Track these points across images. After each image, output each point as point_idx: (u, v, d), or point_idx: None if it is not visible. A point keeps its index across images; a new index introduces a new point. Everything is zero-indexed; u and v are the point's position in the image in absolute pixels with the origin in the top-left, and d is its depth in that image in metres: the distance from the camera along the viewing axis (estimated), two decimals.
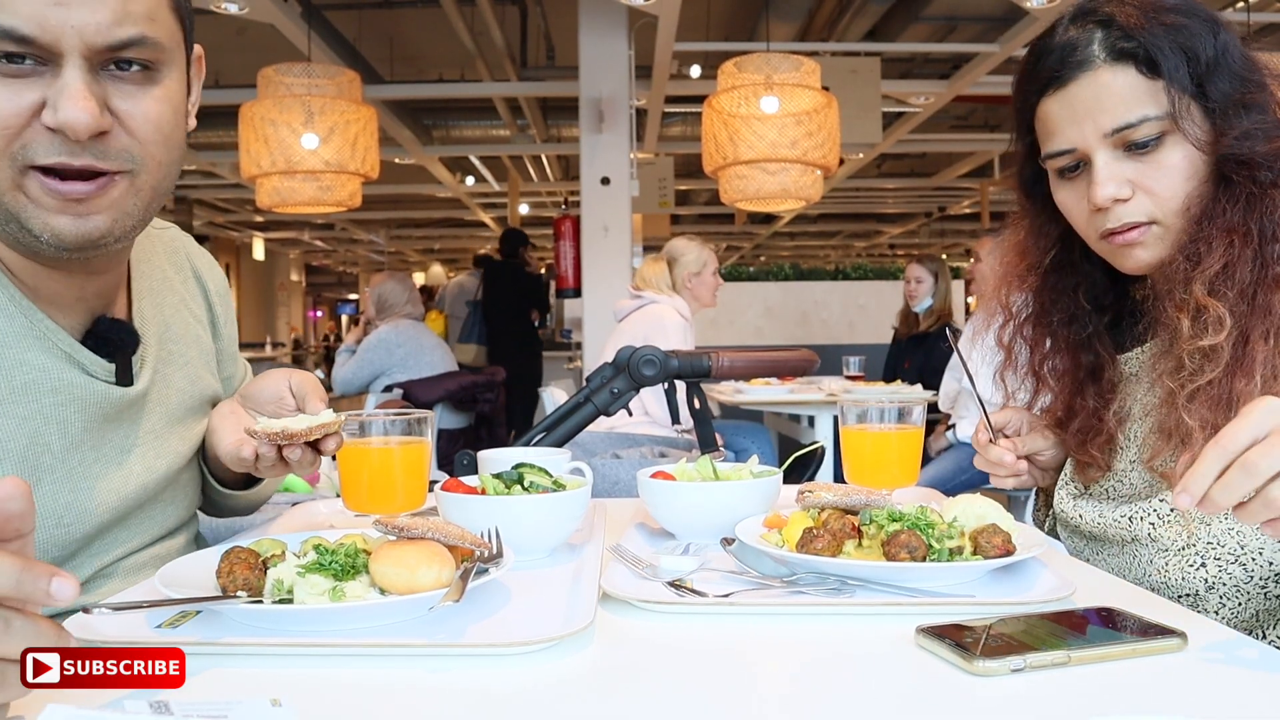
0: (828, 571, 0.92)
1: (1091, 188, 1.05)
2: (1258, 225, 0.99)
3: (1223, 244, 1.00)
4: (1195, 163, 1.02)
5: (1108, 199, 1.04)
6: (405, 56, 8.44)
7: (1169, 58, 1.00)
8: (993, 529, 0.95)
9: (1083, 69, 1.03)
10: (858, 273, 10.23)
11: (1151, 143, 1.02)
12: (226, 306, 1.26)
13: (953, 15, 7.17)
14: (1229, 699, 0.70)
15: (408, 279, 4.87)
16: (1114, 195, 1.04)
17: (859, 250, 20.39)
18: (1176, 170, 1.02)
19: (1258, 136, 1.00)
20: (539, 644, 0.76)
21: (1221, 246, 1.00)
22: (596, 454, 3.16)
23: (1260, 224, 0.99)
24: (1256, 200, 1.00)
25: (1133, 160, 1.03)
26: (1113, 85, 1.01)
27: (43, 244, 0.88)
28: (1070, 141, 1.06)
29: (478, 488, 1.12)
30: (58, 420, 0.93)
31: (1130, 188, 1.04)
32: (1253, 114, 1.01)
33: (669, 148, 9.42)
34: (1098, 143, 1.04)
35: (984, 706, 0.67)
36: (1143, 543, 1.08)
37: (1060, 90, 1.05)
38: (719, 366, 1.69)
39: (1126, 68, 1.01)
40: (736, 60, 4.96)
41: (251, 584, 0.84)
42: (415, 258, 22.33)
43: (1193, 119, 1.01)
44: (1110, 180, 1.03)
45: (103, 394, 0.97)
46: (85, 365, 0.96)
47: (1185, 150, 1.02)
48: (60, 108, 0.82)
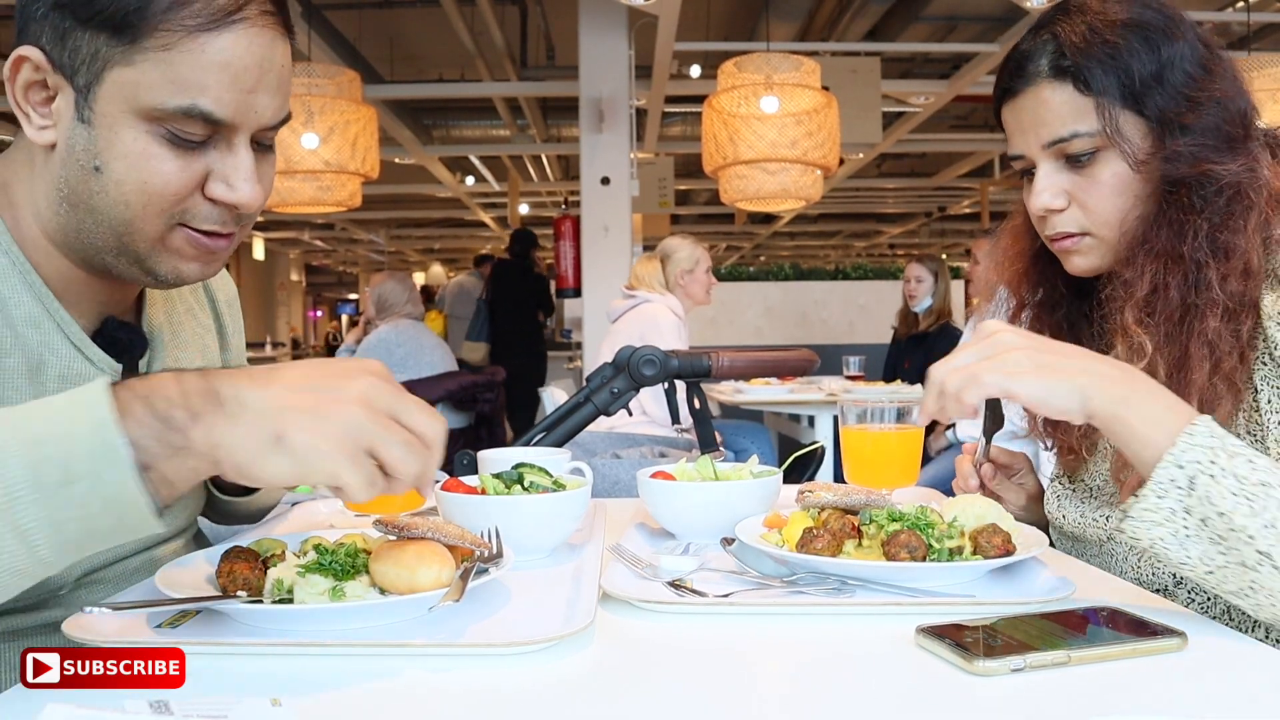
0: (828, 571, 0.92)
1: (1031, 197, 1.09)
2: (1189, 250, 0.99)
3: (1151, 269, 1.02)
4: (1129, 180, 1.04)
5: (1041, 208, 1.08)
6: (405, 56, 8.44)
7: (1099, 78, 1.02)
8: (993, 529, 0.95)
9: (1028, 82, 1.07)
10: (858, 273, 10.23)
11: (1087, 157, 1.05)
12: (235, 317, 1.26)
13: (953, 15, 7.17)
14: (1229, 699, 0.70)
15: (408, 279, 4.87)
16: (1048, 205, 1.08)
17: (859, 250, 20.39)
18: (1108, 186, 1.05)
19: (1184, 158, 1.01)
20: (539, 644, 0.76)
21: (1150, 272, 1.02)
22: (596, 454, 3.16)
23: (1191, 249, 0.99)
24: (1187, 225, 1.00)
25: (1071, 172, 1.07)
26: (1051, 100, 1.05)
27: (152, 279, 0.94)
28: (1018, 149, 1.11)
29: (478, 488, 1.12)
30: None
31: (1066, 198, 1.07)
32: (1189, 134, 1.01)
33: (669, 148, 9.43)
34: (1038, 153, 1.08)
35: (984, 706, 0.67)
36: (1117, 541, 1.09)
37: (1012, 100, 1.09)
38: (719, 366, 1.69)
39: (1065, 84, 1.04)
40: (736, 60, 4.96)
41: (251, 584, 0.84)
42: (415, 258, 22.34)
43: (1129, 137, 1.03)
44: (1046, 190, 1.08)
45: None
46: (94, 360, 0.97)
47: (1119, 167, 1.04)
48: (236, 186, 0.90)
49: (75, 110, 0.87)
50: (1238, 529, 0.78)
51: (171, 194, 0.88)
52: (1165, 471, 0.81)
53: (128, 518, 0.70)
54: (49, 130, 0.88)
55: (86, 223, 0.90)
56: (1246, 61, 4.71)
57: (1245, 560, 0.78)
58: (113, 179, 0.87)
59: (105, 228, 0.90)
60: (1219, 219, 0.99)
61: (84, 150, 0.87)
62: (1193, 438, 0.81)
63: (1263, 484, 0.79)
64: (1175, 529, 0.81)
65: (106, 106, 0.86)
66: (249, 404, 0.72)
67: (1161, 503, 0.81)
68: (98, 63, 0.85)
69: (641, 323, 3.69)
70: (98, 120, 0.86)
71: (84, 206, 0.89)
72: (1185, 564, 0.82)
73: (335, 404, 0.73)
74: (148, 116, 0.86)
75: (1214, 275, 0.98)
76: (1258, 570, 0.78)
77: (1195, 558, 0.81)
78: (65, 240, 0.93)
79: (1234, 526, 0.78)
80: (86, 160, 0.87)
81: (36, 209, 0.93)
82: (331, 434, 0.72)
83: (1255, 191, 0.99)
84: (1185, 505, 0.80)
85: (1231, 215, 0.99)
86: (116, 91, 0.85)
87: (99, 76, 0.85)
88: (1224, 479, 0.79)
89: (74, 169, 0.88)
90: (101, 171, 0.87)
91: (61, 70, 0.86)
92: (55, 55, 0.86)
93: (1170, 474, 0.81)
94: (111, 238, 0.90)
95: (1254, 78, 4.58)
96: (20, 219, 0.94)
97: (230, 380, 0.73)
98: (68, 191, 0.90)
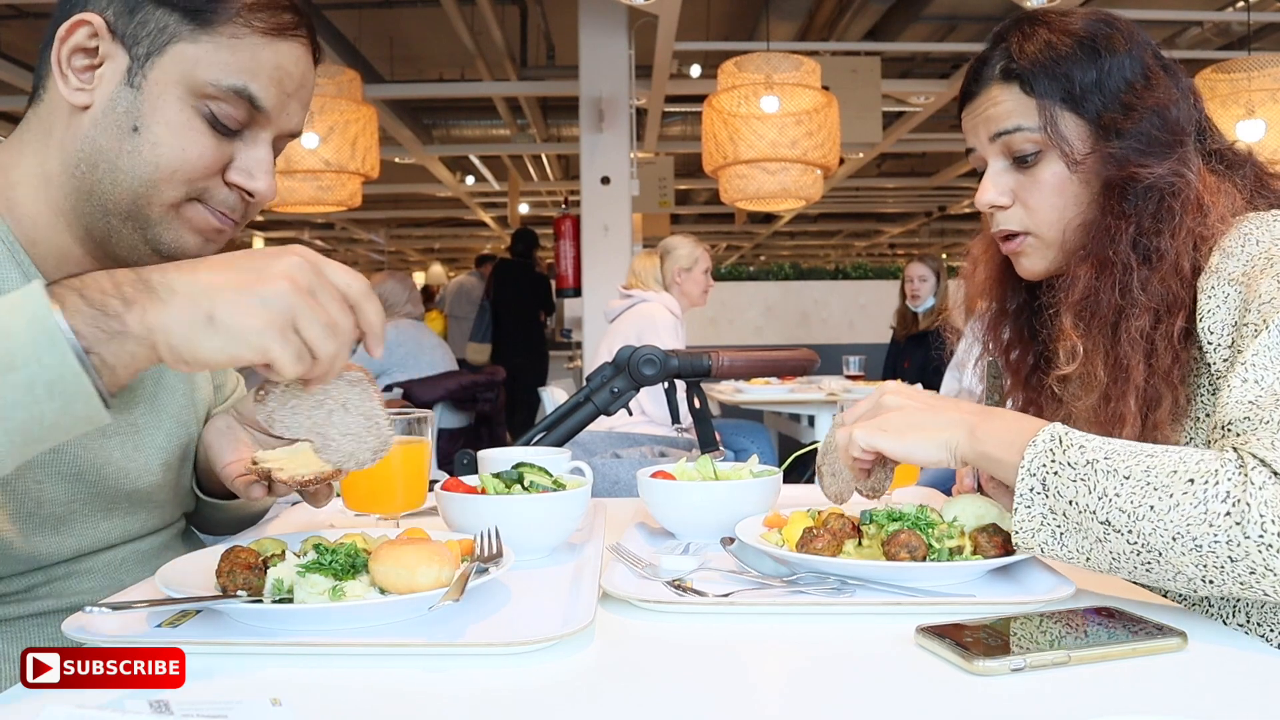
0: (828, 571, 0.92)
1: (978, 191, 1.15)
2: (1117, 255, 1.04)
3: (1085, 274, 1.07)
4: (1066, 180, 1.10)
5: (985, 204, 1.14)
6: (405, 56, 8.44)
7: (1043, 82, 1.09)
8: (993, 529, 0.95)
9: (983, 85, 1.14)
10: (858, 272, 10.23)
11: (1031, 157, 1.11)
12: None
13: (953, 15, 7.18)
14: (1229, 699, 0.70)
15: (408, 279, 4.87)
16: (991, 201, 1.14)
17: (859, 250, 20.39)
18: (1048, 186, 1.10)
19: (1116, 160, 1.06)
20: (539, 644, 0.76)
21: (1083, 277, 1.07)
22: (596, 454, 3.16)
23: (1118, 253, 1.04)
24: (1116, 230, 1.05)
25: (1017, 173, 1.13)
26: (999, 99, 1.12)
27: (149, 249, 0.97)
28: (972, 145, 1.17)
29: (478, 487, 1.12)
30: None
31: (1011, 196, 1.13)
32: (1123, 138, 1.07)
33: (669, 147, 9.42)
34: (988, 147, 1.14)
35: (984, 706, 0.67)
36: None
37: (970, 103, 1.16)
38: (719, 366, 1.69)
39: (1012, 85, 1.11)
40: (736, 60, 4.95)
41: (251, 583, 0.84)
42: (415, 257, 22.33)
43: (1067, 137, 1.08)
44: (992, 187, 1.14)
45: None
46: None
47: (1058, 168, 1.09)
48: (257, 177, 0.98)
49: (126, 75, 0.93)
50: (1082, 509, 0.84)
51: (203, 166, 0.95)
52: (1023, 483, 0.87)
53: (73, 405, 0.72)
54: (84, 93, 0.93)
55: (105, 182, 0.94)
56: (1246, 61, 4.71)
57: (1098, 535, 0.84)
58: (149, 140, 0.93)
59: (125, 188, 0.94)
60: (1146, 223, 1.04)
61: (125, 112, 0.93)
62: (1035, 447, 0.88)
63: (1089, 463, 0.85)
64: (1051, 530, 0.87)
65: (161, 75, 0.92)
66: (178, 288, 0.76)
67: (1030, 511, 0.87)
68: (164, 36, 0.93)
69: (638, 322, 3.69)
70: (148, 86, 0.93)
71: (107, 165, 0.93)
72: (1073, 558, 0.87)
73: (261, 281, 0.76)
74: (199, 92, 0.93)
75: (1139, 279, 1.03)
76: (1109, 540, 0.83)
77: (1073, 549, 0.86)
78: (74, 206, 0.96)
79: (1081, 509, 0.84)
80: (126, 121, 0.93)
81: (47, 176, 0.96)
82: (259, 311, 0.76)
83: (1177, 195, 1.04)
84: (1048, 506, 0.87)
85: (1158, 220, 1.04)
86: (176, 63, 0.93)
87: (162, 49, 0.92)
88: (1064, 471, 0.86)
89: (108, 128, 0.93)
90: (139, 132, 0.93)
91: (121, 39, 0.93)
92: (118, 25, 0.93)
93: (1028, 484, 0.87)
94: (128, 198, 0.94)
95: (1254, 78, 4.58)
96: (17, 200, 0.97)
97: (160, 270, 0.77)
98: (91, 150, 0.94)
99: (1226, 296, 0.98)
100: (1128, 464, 0.84)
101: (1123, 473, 0.83)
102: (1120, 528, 0.82)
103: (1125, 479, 0.83)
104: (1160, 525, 0.80)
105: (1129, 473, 0.83)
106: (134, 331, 0.74)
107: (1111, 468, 0.84)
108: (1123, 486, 0.83)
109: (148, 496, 1.07)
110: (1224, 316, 0.97)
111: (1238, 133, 4.49)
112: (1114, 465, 0.84)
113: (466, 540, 0.96)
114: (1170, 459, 0.83)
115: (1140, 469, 0.83)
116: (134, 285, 0.76)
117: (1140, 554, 0.82)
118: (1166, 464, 0.82)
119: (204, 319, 0.75)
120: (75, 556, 0.99)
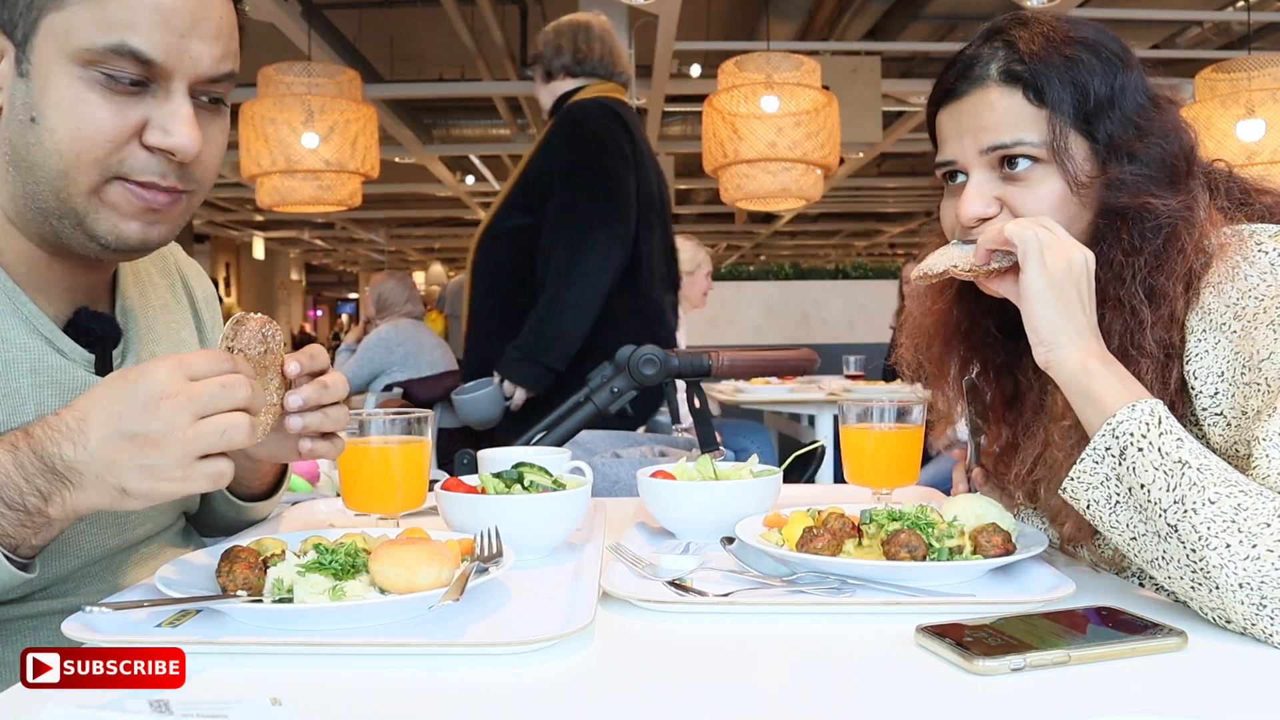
0: (828, 571, 0.92)
1: (960, 203, 1.04)
2: (1126, 295, 0.96)
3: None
4: (1065, 200, 1.00)
5: (972, 217, 1.03)
6: (405, 55, 8.44)
7: (1055, 89, 0.99)
8: (993, 528, 0.95)
9: (975, 85, 1.03)
10: (858, 272, 10.24)
11: (1024, 168, 1.00)
12: (214, 314, 1.26)
13: (953, 15, 7.17)
14: (1229, 699, 0.70)
15: (408, 278, 4.87)
16: (979, 214, 1.02)
17: (859, 250, 20.38)
18: (1044, 199, 1.00)
19: (1127, 187, 0.98)
20: (539, 643, 0.76)
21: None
22: (596, 453, 3.15)
23: (1128, 293, 0.96)
24: (1126, 268, 0.97)
25: (1005, 182, 1.02)
26: (997, 105, 1.01)
27: (97, 245, 0.93)
28: (952, 154, 1.05)
29: (478, 487, 1.12)
30: (35, 400, 0.93)
31: (998, 206, 1.03)
32: (1135, 163, 0.99)
33: (669, 147, 9.42)
34: (974, 159, 1.03)
35: (984, 706, 0.67)
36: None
37: (953, 103, 1.05)
38: (719, 365, 1.69)
39: (1014, 91, 1.00)
40: (737, 59, 4.95)
41: (251, 583, 0.84)
42: (415, 257, 22.33)
43: (1073, 155, 0.99)
44: (978, 198, 1.02)
45: (82, 380, 0.97)
46: (65, 351, 0.96)
47: (1057, 184, 1.00)
48: (173, 132, 0.89)
49: (15, 66, 0.88)
50: (1154, 501, 0.83)
51: (105, 139, 0.88)
52: (1101, 439, 0.86)
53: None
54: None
55: (29, 183, 0.90)
56: (1246, 61, 4.71)
57: (1159, 530, 0.83)
58: (46, 127, 0.87)
59: (44, 184, 0.89)
60: (1155, 261, 0.96)
61: (22, 104, 0.88)
62: (1133, 411, 0.85)
63: (1181, 462, 0.82)
64: (1108, 494, 0.87)
65: (41, 55, 0.87)
66: (82, 470, 0.81)
67: (1097, 468, 0.87)
68: (32, 12, 0.86)
69: None
70: (34, 71, 0.87)
71: (24, 164, 0.89)
72: (1114, 528, 0.87)
73: (151, 447, 0.80)
74: (80, 60, 0.86)
75: (1147, 321, 0.96)
76: (1167, 542, 0.82)
77: (1123, 523, 0.86)
78: (19, 212, 0.93)
79: (1151, 499, 0.83)
80: (24, 114, 0.88)
81: None
82: (161, 474, 0.81)
83: (1188, 233, 0.96)
84: (1117, 474, 0.86)
85: (1166, 258, 0.96)
86: (49, 38, 0.86)
87: (34, 25, 0.87)
88: (1150, 453, 0.84)
89: (15, 126, 0.89)
90: (37, 122, 0.87)
91: (3, 29, 0.88)
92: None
93: (1105, 442, 0.86)
94: (50, 195, 0.90)
95: (1254, 77, 4.57)
96: None
97: (54, 446, 0.81)
98: (10, 151, 0.90)
99: (1216, 343, 0.93)
100: (1218, 489, 0.80)
101: (1210, 495, 0.80)
102: (1187, 541, 0.80)
103: (1210, 503, 0.79)
104: (1230, 566, 0.77)
105: (1215, 498, 0.80)
106: (59, 518, 0.83)
107: (1200, 482, 0.80)
108: (1205, 509, 0.79)
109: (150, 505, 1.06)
110: (1211, 364, 0.93)
111: (1238, 133, 4.48)
112: (1204, 481, 0.81)
113: (466, 540, 0.96)
114: (1265, 508, 0.78)
115: (1231, 503, 0.79)
116: (44, 476, 0.81)
117: (1194, 575, 0.80)
118: (1260, 512, 0.78)
119: (117, 493, 0.81)
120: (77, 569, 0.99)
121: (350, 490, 1.13)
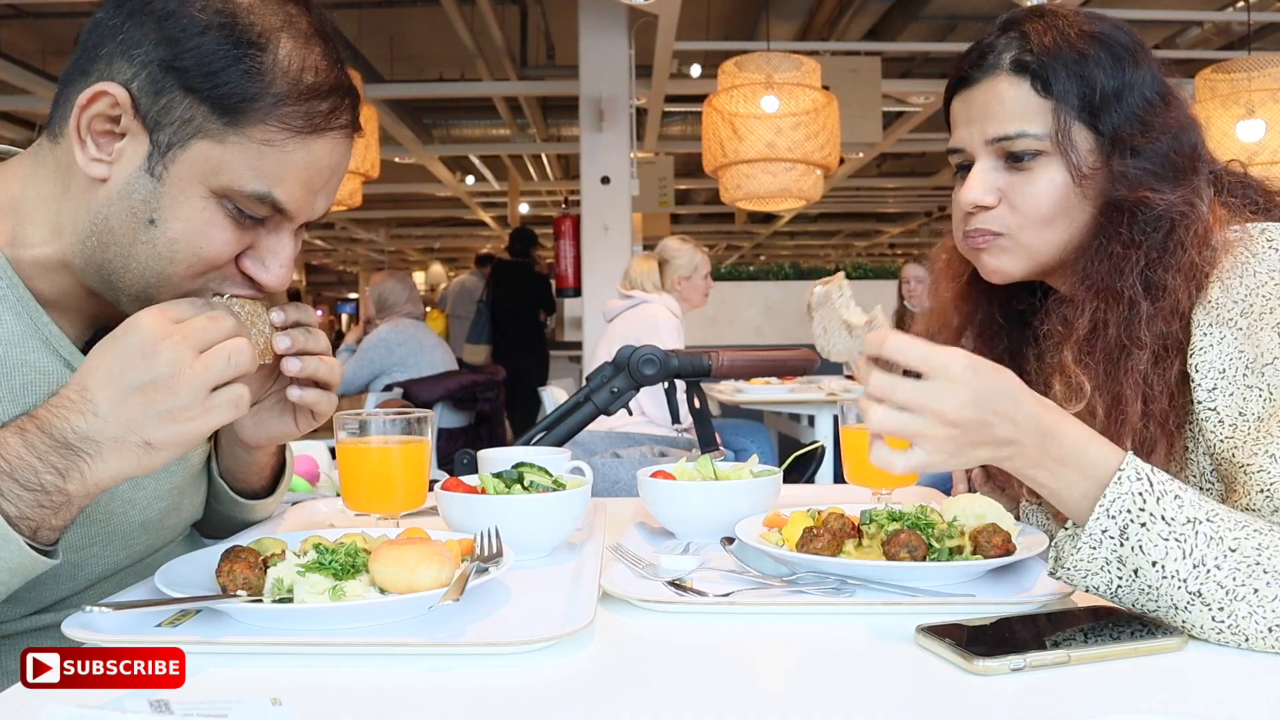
0: (828, 571, 0.92)
1: (963, 189, 1.06)
2: (1125, 286, 0.97)
3: (1091, 306, 0.99)
4: (1066, 191, 1.01)
5: (971, 203, 1.05)
6: (405, 56, 8.43)
7: (1062, 81, 1.00)
8: (993, 529, 0.95)
9: (987, 73, 1.04)
10: (858, 272, 10.21)
11: (1028, 158, 1.02)
12: None
13: (953, 15, 7.17)
14: (1229, 699, 0.70)
15: (408, 278, 4.86)
16: (978, 201, 1.04)
17: (859, 250, 20.38)
18: (1044, 193, 1.02)
19: (1128, 180, 0.99)
20: (539, 643, 0.76)
21: (1090, 309, 0.99)
22: (596, 453, 3.16)
23: (1127, 285, 0.97)
24: (1125, 260, 0.98)
25: (1009, 172, 1.04)
26: (1005, 95, 1.03)
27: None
28: (960, 142, 1.08)
29: (478, 487, 1.12)
30: None
31: (998, 195, 1.04)
32: (1138, 157, 1.00)
33: (669, 147, 9.42)
34: (980, 147, 1.05)
35: (984, 706, 0.67)
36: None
37: (965, 90, 1.07)
38: (719, 365, 1.69)
39: (1023, 81, 1.02)
40: (737, 59, 4.95)
41: (251, 583, 0.84)
42: (415, 257, 22.33)
43: (1077, 146, 1.01)
44: (980, 186, 1.04)
45: None
46: None
47: (1059, 175, 1.01)
48: (271, 269, 0.94)
49: (146, 161, 0.87)
50: (1169, 575, 0.76)
51: (221, 261, 0.91)
52: (1096, 523, 0.79)
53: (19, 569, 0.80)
54: (102, 165, 0.88)
55: (116, 263, 0.90)
56: (1246, 61, 4.71)
57: (1176, 603, 0.77)
58: (166, 235, 0.88)
59: (136, 274, 0.90)
60: (1155, 254, 0.97)
61: (143, 201, 0.87)
62: (1120, 484, 0.78)
63: (1190, 520, 0.77)
64: (1109, 579, 0.80)
65: (183, 171, 0.87)
66: (98, 438, 0.80)
67: (1095, 554, 0.79)
68: (188, 130, 0.86)
69: (639, 323, 3.69)
70: (169, 180, 0.87)
71: (119, 249, 0.89)
72: (1118, 604, 0.82)
73: (163, 390, 0.81)
74: (221, 191, 0.88)
75: (1145, 314, 0.96)
76: (1188, 611, 0.76)
77: (1127, 603, 0.81)
78: (82, 268, 0.92)
79: (1166, 574, 0.76)
80: (143, 211, 0.88)
81: (58, 227, 0.92)
82: (181, 414, 0.81)
83: (1187, 228, 0.97)
84: (1119, 555, 0.78)
85: (1166, 251, 0.97)
86: (199, 162, 0.87)
87: (185, 143, 0.86)
88: (1154, 525, 0.77)
89: (123, 213, 0.88)
90: (156, 225, 0.88)
91: (143, 119, 0.86)
92: (141, 103, 0.86)
93: (1102, 525, 0.78)
94: (139, 284, 0.90)
95: (1254, 78, 4.58)
96: (25, 237, 0.92)
97: (61, 420, 0.81)
98: (104, 230, 0.89)
99: (1221, 338, 0.92)
100: (1235, 534, 0.76)
101: (1229, 543, 0.76)
102: (1212, 602, 0.75)
103: (1231, 551, 0.76)
104: (1260, 612, 0.74)
105: (1236, 544, 0.76)
106: (78, 494, 0.81)
107: (1216, 534, 0.76)
108: (1227, 560, 0.75)
109: (159, 522, 1.06)
110: (1214, 359, 0.92)
111: (1238, 133, 4.48)
112: (1219, 531, 0.76)
113: (466, 540, 0.96)
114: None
115: (1251, 545, 0.76)
116: (57, 453, 0.80)
117: (1221, 631, 0.76)
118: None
119: (143, 448, 0.81)
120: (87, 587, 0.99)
121: (350, 490, 1.13)
